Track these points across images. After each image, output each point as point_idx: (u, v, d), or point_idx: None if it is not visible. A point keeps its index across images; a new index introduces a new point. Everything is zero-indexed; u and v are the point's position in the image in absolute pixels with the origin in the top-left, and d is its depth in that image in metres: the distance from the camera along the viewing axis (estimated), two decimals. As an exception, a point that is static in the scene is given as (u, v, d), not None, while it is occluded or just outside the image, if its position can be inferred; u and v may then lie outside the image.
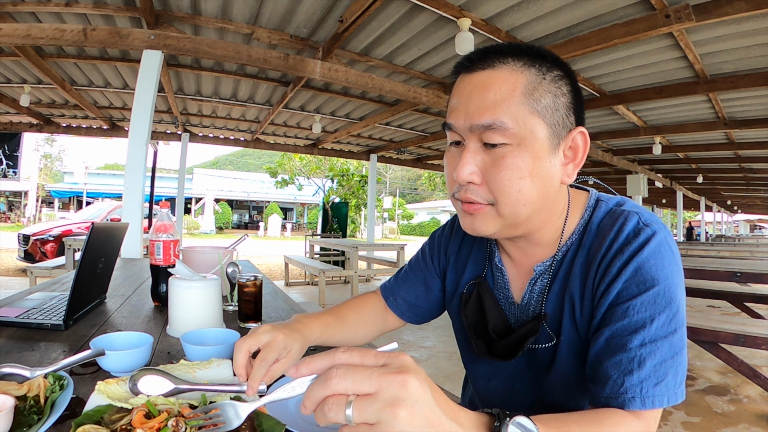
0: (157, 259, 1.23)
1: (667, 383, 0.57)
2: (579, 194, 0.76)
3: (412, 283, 0.94)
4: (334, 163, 14.20)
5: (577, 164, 0.66)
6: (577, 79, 0.67)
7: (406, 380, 0.36)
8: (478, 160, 0.64)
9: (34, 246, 7.75)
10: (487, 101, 0.61)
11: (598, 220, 0.70)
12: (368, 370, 0.37)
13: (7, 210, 25.02)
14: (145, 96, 3.10)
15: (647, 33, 3.01)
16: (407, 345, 4.03)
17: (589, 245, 0.69)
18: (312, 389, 0.38)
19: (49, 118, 7.09)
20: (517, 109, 0.60)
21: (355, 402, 0.36)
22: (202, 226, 26.37)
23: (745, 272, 3.12)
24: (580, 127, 0.66)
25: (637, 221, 0.65)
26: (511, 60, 0.63)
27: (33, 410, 0.54)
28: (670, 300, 0.60)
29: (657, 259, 0.61)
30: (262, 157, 55.59)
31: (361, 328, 0.92)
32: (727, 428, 2.40)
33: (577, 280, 0.68)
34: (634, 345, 0.58)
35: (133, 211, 3.04)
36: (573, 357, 0.69)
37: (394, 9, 3.26)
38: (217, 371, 0.65)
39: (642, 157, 8.79)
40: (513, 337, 0.73)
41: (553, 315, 0.71)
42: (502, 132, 0.60)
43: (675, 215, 18.24)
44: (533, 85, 0.61)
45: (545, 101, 0.62)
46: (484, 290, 0.80)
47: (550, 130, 0.62)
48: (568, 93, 0.64)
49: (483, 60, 0.64)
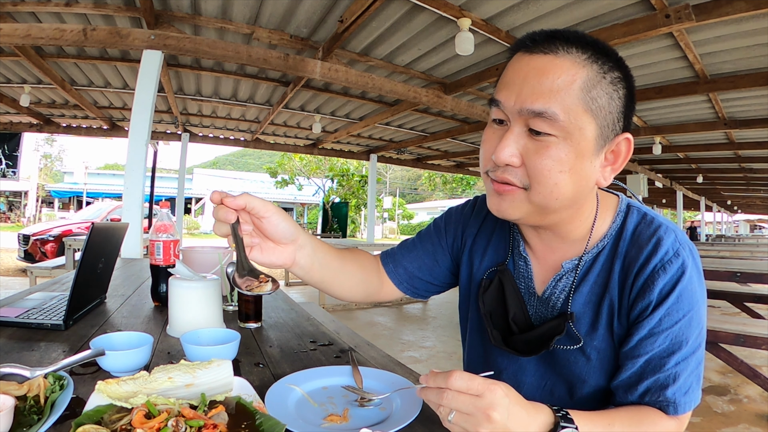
0: (157, 259, 1.23)
1: (693, 390, 0.64)
2: (608, 197, 0.75)
3: (417, 254, 0.89)
4: (334, 163, 14.21)
5: (616, 169, 0.66)
6: (634, 83, 0.66)
7: (490, 416, 0.51)
8: (521, 144, 0.62)
9: (34, 246, 7.75)
10: (543, 87, 0.59)
11: (632, 226, 0.69)
12: (468, 400, 0.52)
13: (7, 210, 25.02)
14: (145, 96, 3.10)
15: (647, 33, 3.01)
16: (407, 345, 4.03)
17: (625, 253, 0.68)
18: (431, 394, 0.55)
19: (49, 118, 7.09)
20: (572, 102, 0.59)
21: (456, 416, 0.53)
22: (202, 226, 26.37)
23: (745, 272, 3.12)
24: (626, 134, 0.64)
25: (674, 240, 0.65)
26: (575, 50, 0.60)
27: (33, 410, 0.54)
28: (700, 320, 0.64)
29: (694, 285, 0.64)
30: (262, 157, 55.55)
31: (355, 282, 0.85)
32: (727, 428, 2.40)
33: (617, 288, 0.68)
34: (670, 365, 0.63)
35: (133, 211, 3.04)
36: (600, 362, 0.69)
37: (394, 9, 3.26)
38: (217, 371, 0.65)
39: (642, 157, 8.79)
40: (535, 333, 0.72)
41: (581, 316, 0.70)
42: (552, 122, 0.59)
43: (675, 215, 18.24)
44: (593, 82, 0.60)
45: (601, 101, 0.60)
46: (507, 278, 0.78)
47: (599, 131, 0.61)
48: (624, 97, 0.63)
49: (546, 43, 0.61)
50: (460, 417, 0.53)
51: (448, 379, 0.53)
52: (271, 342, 0.98)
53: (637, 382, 0.64)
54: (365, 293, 0.87)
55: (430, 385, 0.55)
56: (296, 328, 1.10)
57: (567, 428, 0.55)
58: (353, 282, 0.84)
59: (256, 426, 0.52)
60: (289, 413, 0.62)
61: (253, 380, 0.72)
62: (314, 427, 0.59)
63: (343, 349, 0.95)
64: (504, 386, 0.54)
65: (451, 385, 0.52)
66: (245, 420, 0.53)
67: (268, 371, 0.80)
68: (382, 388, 0.72)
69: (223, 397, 0.58)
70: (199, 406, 0.54)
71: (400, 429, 0.58)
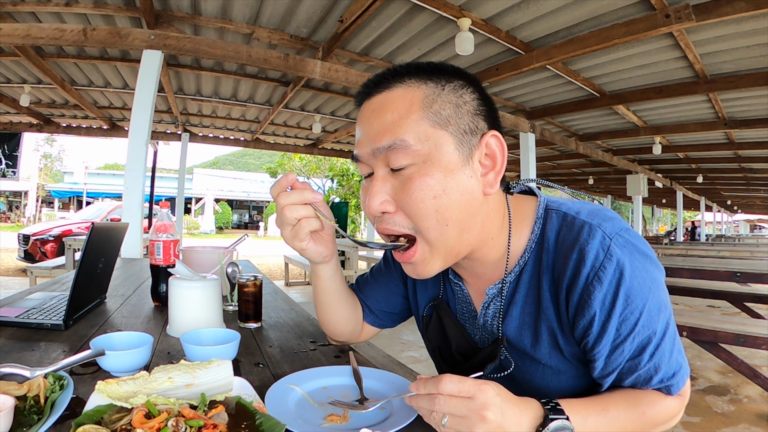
0: (157, 259, 1.23)
1: (680, 366, 0.62)
2: (523, 204, 0.69)
3: (372, 287, 0.91)
4: (334, 163, 14.22)
5: (498, 171, 0.62)
6: (483, 88, 0.65)
7: (484, 416, 0.51)
8: (388, 188, 0.61)
9: (34, 246, 7.75)
10: (385, 123, 0.59)
11: (553, 234, 0.63)
12: (461, 403, 0.52)
13: (7, 210, 25.02)
14: (145, 96, 3.10)
15: (647, 33, 3.01)
16: (407, 344, 4.04)
17: (552, 266, 0.63)
18: (422, 401, 0.54)
19: (49, 118, 7.09)
20: (417, 125, 0.58)
21: (449, 419, 0.53)
22: (202, 226, 26.37)
23: (745, 272, 3.12)
24: (493, 131, 0.62)
25: (602, 238, 0.58)
26: (407, 79, 0.61)
27: (33, 410, 0.54)
28: (660, 305, 0.60)
29: (641, 276, 0.58)
30: (262, 157, 55.54)
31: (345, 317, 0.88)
32: (727, 428, 2.40)
33: (551, 307, 0.63)
34: (645, 360, 0.60)
35: (133, 211, 3.04)
36: (556, 375, 0.67)
37: (394, 9, 3.26)
38: (217, 371, 0.65)
39: (642, 157, 8.79)
40: (476, 360, 0.71)
41: (519, 339, 0.67)
42: (405, 151, 0.58)
43: (675, 215, 18.22)
44: (431, 98, 0.59)
45: (446, 112, 0.59)
46: (443, 311, 0.77)
47: (457, 140, 0.59)
48: (473, 100, 0.62)
49: (379, 83, 0.62)
50: (454, 420, 0.52)
51: (438, 384, 0.53)
52: (271, 342, 0.98)
53: (617, 384, 0.63)
54: (352, 331, 0.90)
55: (421, 392, 0.54)
56: (296, 328, 1.10)
57: (557, 420, 0.54)
58: (348, 316, 0.88)
59: (256, 426, 0.52)
60: (289, 413, 0.62)
61: (253, 380, 0.72)
62: (314, 427, 0.59)
63: (343, 349, 0.95)
64: (494, 385, 0.54)
65: (443, 389, 0.52)
66: (245, 420, 0.53)
67: (268, 371, 0.80)
68: (382, 388, 0.72)
69: (223, 397, 0.58)
70: (199, 406, 0.54)
71: (400, 429, 0.58)
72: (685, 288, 3.79)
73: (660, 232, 27.62)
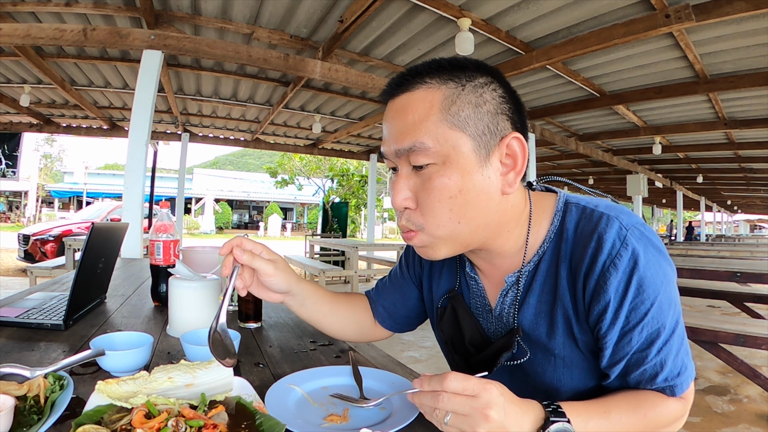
0: (157, 259, 1.23)
1: (685, 367, 0.62)
2: (544, 198, 0.71)
3: (389, 291, 0.94)
4: (334, 163, 14.21)
5: (519, 172, 0.63)
6: (507, 82, 0.65)
7: (488, 415, 0.51)
8: (411, 185, 0.63)
9: (34, 246, 7.75)
10: (406, 124, 0.61)
11: (572, 224, 0.66)
12: (464, 401, 0.52)
13: (7, 210, 25.03)
14: (145, 96, 3.10)
15: (647, 33, 3.01)
16: (407, 345, 4.03)
17: (570, 255, 0.65)
18: (425, 398, 0.54)
19: (49, 118, 7.09)
20: (436, 127, 0.60)
21: (452, 418, 0.53)
22: (202, 226, 26.37)
23: (745, 272, 3.12)
24: (514, 133, 0.62)
25: (618, 228, 0.61)
26: (428, 78, 0.62)
27: (33, 410, 0.54)
28: (670, 301, 0.61)
29: (654, 268, 0.60)
30: (262, 157, 55.57)
31: (345, 324, 0.92)
32: (727, 428, 2.40)
33: (568, 294, 0.65)
34: (653, 354, 0.61)
35: (133, 211, 3.04)
36: (568, 369, 0.67)
37: (394, 9, 3.26)
38: (217, 371, 0.65)
39: (642, 157, 8.80)
40: (488, 352, 0.72)
41: (535, 328, 0.68)
42: (425, 152, 0.60)
43: (675, 215, 18.23)
44: (450, 100, 0.60)
45: (465, 113, 0.60)
46: (458, 303, 0.78)
47: (475, 142, 0.60)
48: (493, 99, 0.62)
49: (402, 84, 0.64)
50: (456, 419, 0.52)
51: (443, 381, 0.53)
52: (271, 342, 0.98)
53: (623, 378, 0.63)
54: (358, 334, 0.94)
55: (425, 389, 0.55)
56: (296, 328, 1.10)
57: (557, 422, 0.54)
58: (344, 323, 0.91)
59: (256, 426, 0.52)
60: (289, 413, 0.62)
61: (253, 380, 0.72)
62: (314, 427, 0.59)
63: (343, 349, 0.95)
64: (498, 385, 0.54)
65: (447, 387, 0.52)
66: (245, 420, 0.53)
67: (268, 371, 0.80)
68: (382, 388, 0.72)
69: (223, 397, 0.58)
70: (199, 406, 0.54)
71: (400, 429, 0.58)
72: (685, 288, 3.79)
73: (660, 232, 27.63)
